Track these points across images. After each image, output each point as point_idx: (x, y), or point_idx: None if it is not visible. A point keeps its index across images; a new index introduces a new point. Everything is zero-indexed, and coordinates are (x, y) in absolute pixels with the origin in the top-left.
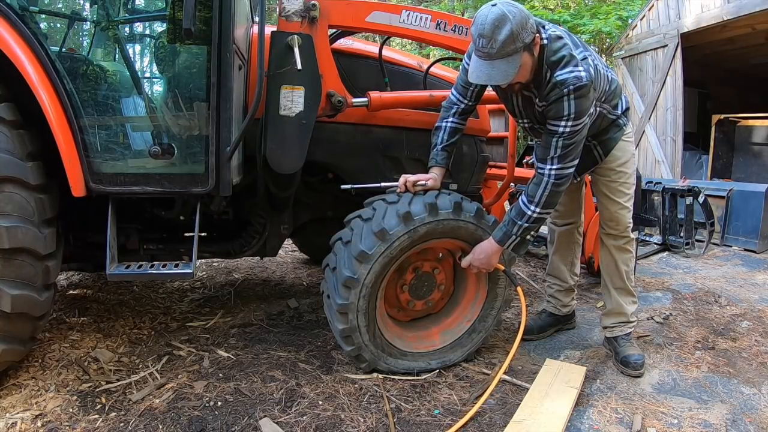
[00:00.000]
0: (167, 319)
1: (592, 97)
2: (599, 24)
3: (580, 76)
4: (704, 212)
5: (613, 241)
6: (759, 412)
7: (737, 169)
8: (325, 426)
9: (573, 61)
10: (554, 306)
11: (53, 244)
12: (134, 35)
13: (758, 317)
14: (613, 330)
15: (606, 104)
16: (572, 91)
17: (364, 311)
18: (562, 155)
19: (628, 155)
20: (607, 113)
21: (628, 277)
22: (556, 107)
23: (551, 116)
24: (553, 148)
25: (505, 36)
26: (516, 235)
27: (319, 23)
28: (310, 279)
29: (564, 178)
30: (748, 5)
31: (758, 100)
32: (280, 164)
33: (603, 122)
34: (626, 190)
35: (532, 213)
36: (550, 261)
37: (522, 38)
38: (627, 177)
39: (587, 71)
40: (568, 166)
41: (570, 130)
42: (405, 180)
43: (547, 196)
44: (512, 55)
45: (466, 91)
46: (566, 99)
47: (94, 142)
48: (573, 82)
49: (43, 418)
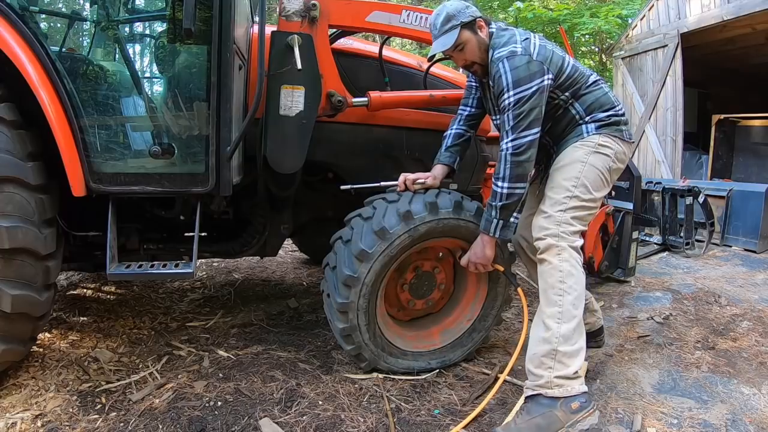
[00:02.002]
0: (167, 319)
1: (533, 68)
2: (599, 23)
3: (514, 50)
4: (704, 212)
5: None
6: (759, 412)
7: (737, 169)
8: (325, 426)
9: (512, 41)
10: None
11: (53, 244)
12: (134, 35)
13: (758, 317)
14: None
15: (566, 93)
16: (506, 61)
17: (364, 310)
18: (513, 126)
19: (570, 159)
20: (569, 107)
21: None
22: (498, 83)
23: (498, 94)
24: (505, 122)
25: (443, 19)
26: (496, 217)
27: (319, 23)
28: (310, 279)
29: (521, 147)
30: (748, 5)
31: (758, 100)
32: (281, 164)
33: (564, 120)
34: (553, 194)
35: (501, 189)
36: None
37: (457, 18)
38: (559, 182)
39: (524, 48)
40: (522, 135)
41: (514, 99)
42: (405, 179)
43: (510, 168)
44: (449, 32)
45: (468, 100)
46: (503, 71)
47: (94, 142)
48: (506, 55)
49: (43, 418)
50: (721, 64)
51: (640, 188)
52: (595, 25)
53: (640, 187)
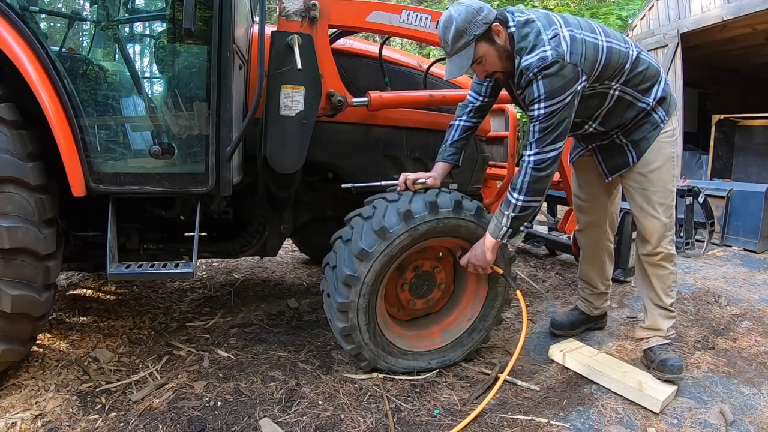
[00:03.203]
0: (167, 319)
1: (567, 73)
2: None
3: (545, 56)
4: (704, 212)
5: (646, 256)
6: (759, 412)
7: (737, 169)
8: (325, 426)
9: (540, 44)
10: (586, 306)
11: (53, 244)
12: (134, 35)
13: (758, 317)
14: (648, 341)
15: (628, 87)
16: (538, 72)
17: (364, 310)
18: (538, 139)
19: (664, 159)
20: (633, 99)
21: (667, 294)
22: (528, 92)
23: (527, 102)
24: (531, 133)
25: (453, 35)
26: (506, 226)
27: (319, 23)
28: (310, 279)
29: (544, 163)
30: (748, 5)
31: (758, 100)
32: (281, 164)
33: (629, 112)
34: (660, 199)
35: (516, 201)
36: (580, 265)
37: (470, 32)
38: (663, 184)
39: (554, 49)
40: (546, 151)
41: (544, 112)
42: (405, 178)
43: (529, 182)
44: (464, 49)
45: (481, 88)
46: (534, 82)
47: (94, 142)
48: (537, 64)
49: (43, 418)
50: (721, 64)
51: None
52: None
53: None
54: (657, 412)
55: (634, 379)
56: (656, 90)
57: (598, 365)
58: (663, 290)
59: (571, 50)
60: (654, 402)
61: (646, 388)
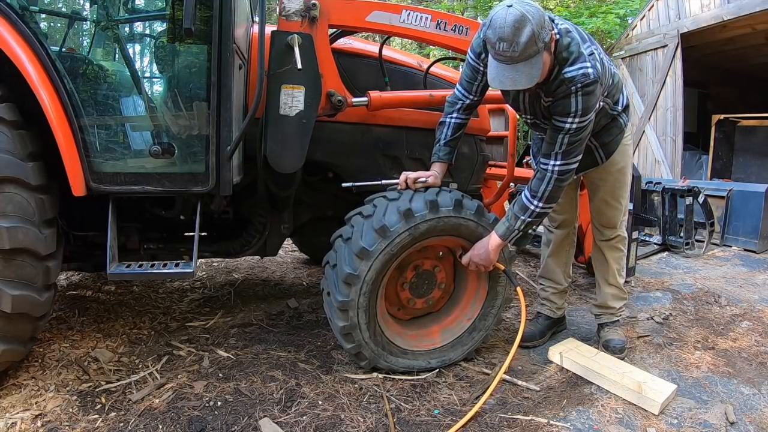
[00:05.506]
0: (167, 319)
1: (598, 93)
2: (598, 23)
3: (588, 73)
4: (704, 212)
5: (604, 240)
6: (759, 412)
7: (737, 169)
8: (325, 426)
9: (581, 57)
10: (549, 309)
11: (53, 244)
12: (134, 35)
13: (758, 317)
14: (600, 318)
15: (608, 99)
16: (580, 88)
17: (364, 308)
18: (566, 151)
19: (627, 159)
20: (609, 109)
21: (619, 273)
22: (564, 104)
23: (558, 112)
24: (558, 144)
25: (527, 38)
26: (519, 230)
27: (319, 23)
28: (310, 279)
29: (567, 173)
30: (748, 5)
31: (758, 100)
32: (281, 164)
33: (603, 119)
34: (622, 191)
35: (535, 208)
36: (545, 263)
37: (542, 38)
38: (625, 179)
39: (594, 67)
40: (572, 162)
41: (576, 127)
42: (405, 177)
43: (551, 191)
44: (534, 57)
45: (471, 86)
46: (574, 96)
47: (94, 142)
48: (581, 80)
49: (43, 418)
50: (721, 64)
51: (640, 188)
52: (594, 26)
53: (639, 187)
54: (656, 414)
55: (633, 381)
56: (622, 98)
57: (598, 366)
58: (618, 271)
59: (601, 72)
60: (653, 404)
61: (645, 390)
